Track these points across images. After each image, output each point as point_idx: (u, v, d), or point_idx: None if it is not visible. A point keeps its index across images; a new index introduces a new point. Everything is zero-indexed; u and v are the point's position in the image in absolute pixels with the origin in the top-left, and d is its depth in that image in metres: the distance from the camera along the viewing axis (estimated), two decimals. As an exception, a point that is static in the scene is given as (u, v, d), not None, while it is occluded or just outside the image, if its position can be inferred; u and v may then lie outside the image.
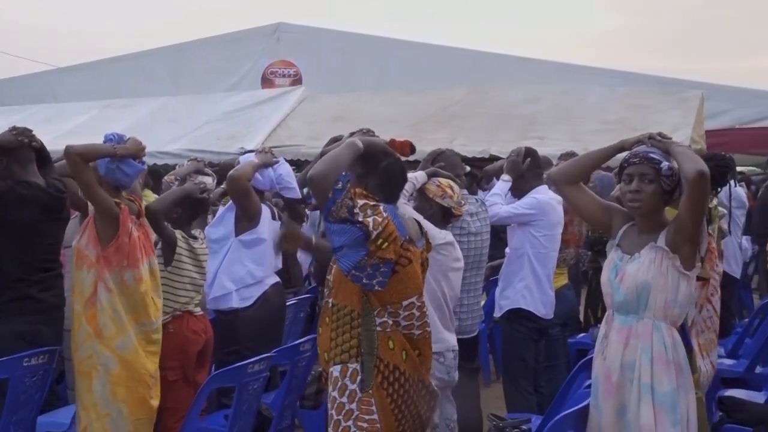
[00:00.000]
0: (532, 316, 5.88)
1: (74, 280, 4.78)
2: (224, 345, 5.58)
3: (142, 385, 4.73)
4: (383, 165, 3.67)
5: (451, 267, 4.84)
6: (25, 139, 5.24)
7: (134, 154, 4.77)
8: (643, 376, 3.77)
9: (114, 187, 4.77)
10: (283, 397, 5.23)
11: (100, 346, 4.65)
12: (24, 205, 5.12)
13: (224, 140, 11.83)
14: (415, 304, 3.68)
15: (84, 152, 4.64)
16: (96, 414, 4.64)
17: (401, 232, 3.57)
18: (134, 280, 4.71)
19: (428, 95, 13.39)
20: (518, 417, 4.74)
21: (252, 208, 5.64)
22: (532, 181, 5.97)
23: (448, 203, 4.88)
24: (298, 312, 6.67)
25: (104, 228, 4.68)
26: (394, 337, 3.57)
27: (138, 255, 4.73)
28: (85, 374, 4.68)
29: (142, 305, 4.74)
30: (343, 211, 3.47)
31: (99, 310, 4.66)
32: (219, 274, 5.62)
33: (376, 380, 3.50)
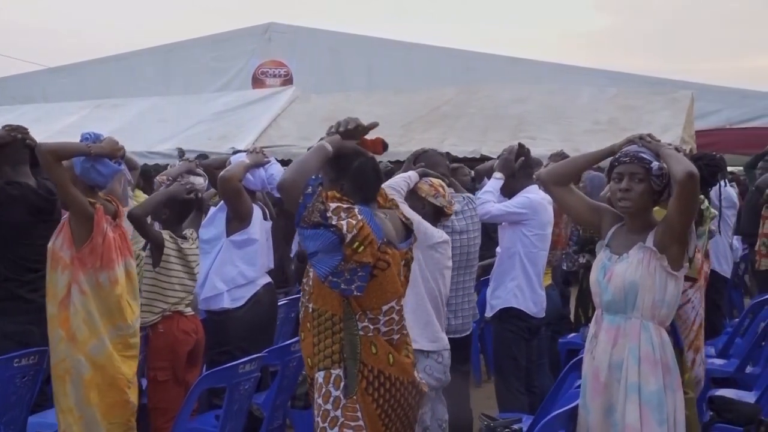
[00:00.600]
0: (523, 315, 5.88)
1: (48, 281, 4.72)
2: (215, 345, 5.57)
3: (116, 389, 4.68)
4: (355, 165, 3.60)
5: (446, 265, 4.86)
6: (19, 135, 5.23)
7: (109, 154, 4.70)
8: (630, 375, 3.78)
9: (90, 187, 4.72)
10: (274, 398, 5.22)
11: (73, 350, 4.61)
12: (14, 206, 5.11)
13: (215, 140, 11.85)
14: (394, 308, 3.60)
15: (56, 150, 4.58)
16: (73, 417, 4.62)
17: (378, 234, 3.46)
18: (109, 282, 4.66)
19: (419, 95, 13.42)
20: (509, 417, 4.74)
21: (243, 208, 5.64)
22: (522, 180, 5.97)
23: (440, 202, 4.89)
24: (290, 312, 6.66)
25: (79, 228, 4.63)
26: (377, 341, 3.50)
27: (113, 256, 4.68)
28: (59, 378, 4.65)
29: (117, 308, 4.69)
30: (315, 215, 3.37)
31: (72, 313, 4.61)
32: (210, 274, 5.60)
33: (361, 386, 3.44)
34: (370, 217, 3.46)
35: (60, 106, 14.57)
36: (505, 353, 5.95)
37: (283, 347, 5.23)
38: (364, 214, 3.44)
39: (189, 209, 5.62)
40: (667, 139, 7.52)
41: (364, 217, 3.43)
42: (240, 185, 5.60)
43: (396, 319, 3.57)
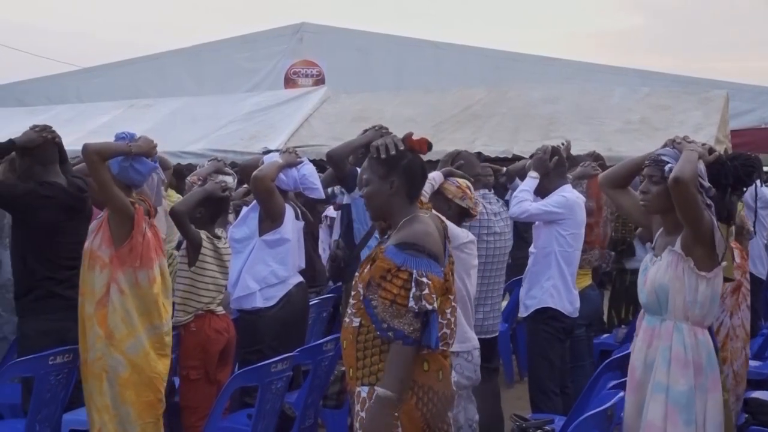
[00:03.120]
0: (559, 315, 5.84)
1: (84, 281, 4.75)
2: (247, 344, 5.60)
3: (152, 388, 4.71)
4: (405, 163, 3.60)
5: (472, 265, 4.84)
6: (49, 135, 5.28)
7: (147, 152, 4.76)
8: (658, 375, 3.82)
9: (126, 186, 4.76)
10: (306, 397, 5.23)
11: (111, 348, 4.63)
12: (47, 206, 5.16)
13: (247, 140, 11.86)
14: (448, 319, 3.57)
15: (101, 150, 4.63)
16: (108, 415, 4.64)
17: (438, 273, 3.42)
18: (147, 281, 4.69)
19: (450, 95, 13.37)
20: (542, 418, 4.72)
21: (276, 208, 5.65)
22: (556, 180, 5.96)
23: (467, 204, 4.89)
24: (321, 311, 6.68)
25: (118, 228, 4.66)
26: (430, 358, 3.45)
27: (152, 255, 4.72)
28: (96, 376, 4.67)
29: (154, 307, 4.71)
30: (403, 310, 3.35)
31: (110, 312, 4.64)
32: (243, 273, 5.62)
33: (411, 402, 3.40)
34: (427, 265, 3.40)
35: (93, 106, 14.65)
36: (539, 354, 5.91)
37: (315, 346, 5.24)
38: (419, 266, 3.38)
39: (222, 208, 5.65)
40: (701, 138, 7.42)
41: (423, 271, 3.37)
42: (273, 185, 5.63)
43: (452, 320, 3.55)
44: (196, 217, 5.42)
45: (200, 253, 5.36)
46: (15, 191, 5.22)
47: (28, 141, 5.26)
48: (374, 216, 3.80)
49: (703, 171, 3.92)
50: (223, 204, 5.65)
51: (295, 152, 6.04)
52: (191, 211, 5.37)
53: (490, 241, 5.33)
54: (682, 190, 3.70)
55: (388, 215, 3.63)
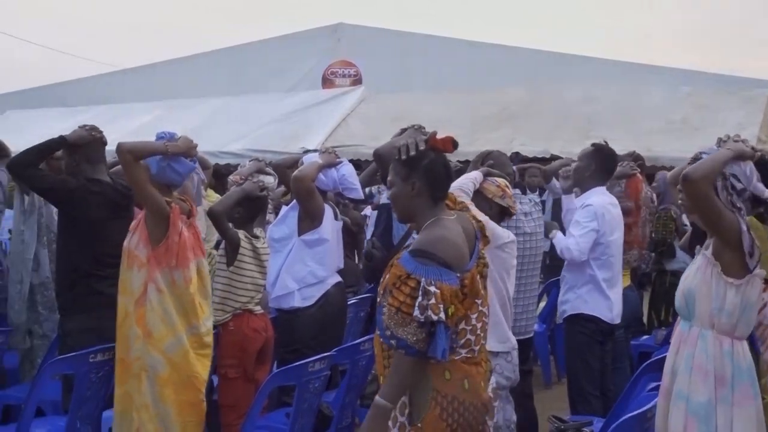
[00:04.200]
0: (595, 319, 5.79)
1: (123, 280, 4.78)
2: (285, 343, 5.62)
3: (191, 388, 4.73)
4: (426, 163, 3.51)
5: (512, 265, 4.84)
6: (97, 134, 5.36)
7: (185, 152, 4.77)
8: (681, 382, 3.72)
9: (165, 186, 4.78)
10: (343, 396, 5.23)
11: (150, 347, 4.65)
12: (95, 202, 5.22)
13: (285, 140, 11.92)
14: (473, 324, 3.49)
15: (134, 149, 4.65)
16: (148, 415, 4.66)
17: (452, 281, 3.31)
18: (183, 281, 4.70)
19: (486, 95, 13.34)
20: (580, 419, 4.69)
21: (315, 208, 5.67)
22: (591, 181, 5.92)
23: (506, 203, 4.88)
24: (359, 311, 6.68)
25: (155, 227, 4.68)
26: (451, 367, 3.36)
27: (188, 255, 4.72)
28: (135, 375, 4.69)
29: (191, 307, 4.73)
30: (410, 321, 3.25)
31: (148, 311, 4.66)
32: (281, 273, 5.64)
33: (434, 412, 3.31)
34: (437, 273, 3.29)
35: (134, 106, 14.80)
36: (577, 356, 5.86)
37: (353, 346, 5.24)
38: (428, 274, 3.28)
39: (260, 208, 5.67)
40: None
41: (432, 279, 3.28)
42: (312, 185, 5.64)
43: (479, 326, 3.47)
44: (235, 217, 5.45)
45: (239, 252, 5.38)
46: (66, 186, 5.28)
47: (78, 138, 5.34)
48: (400, 218, 3.75)
49: (741, 171, 3.76)
50: (261, 204, 5.67)
51: (335, 153, 6.05)
52: (229, 211, 5.40)
53: (520, 242, 5.29)
54: (689, 189, 3.58)
55: (412, 217, 3.57)
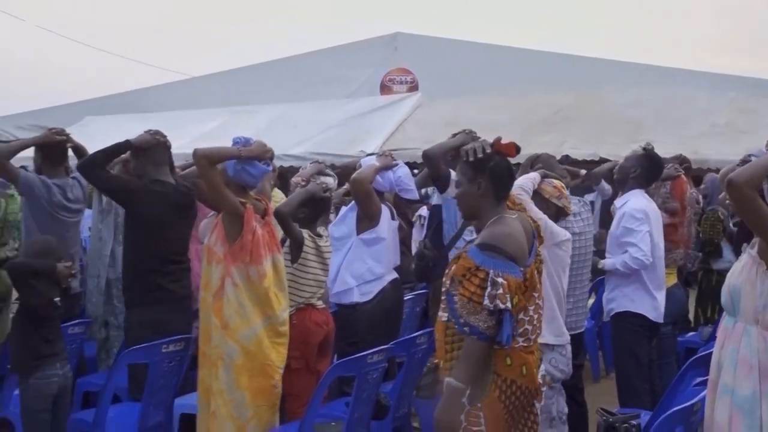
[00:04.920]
0: (641, 316, 5.72)
1: (204, 274, 4.86)
2: (345, 336, 5.63)
3: (264, 375, 4.78)
4: (491, 165, 3.61)
5: (567, 262, 4.85)
6: (161, 138, 5.43)
7: (259, 156, 4.83)
8: (726, 376, 3.65)
9: (241, 187, 4.85)
10: (400, 387, 5.24)
11: (226, 337, 4.72)
12: (157, 202, 5.29)
13: (345, 144, 11.96)
14: (531, 315, 3.55)
15: (209, 155, 4.72)
16: (222, 399, 4.72)
17: (516, 273, 3.42)
18: (258, 276, 4.75)
19: (537, 100, 13.27)
20: (628, 412, 4.64)
21: (373, 208, 5.68)
22: (634, 183, 5.87)
23: (563, 203, 4.92)
24: (415, 306, 6.69)
25: (231, 226, 4.74)
26: (512, 354, 3.45)
27: (262, 252, 4.77)
28: (213, 363, 4.76)
29: (266, 299, 4.78)
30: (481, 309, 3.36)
31: (225, 303, 4.72)
32: (341, 270, 5.65)
33: (494, 394, 3.42)
34: (504, 266, 3.41)
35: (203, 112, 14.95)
36: (626, 352, 5.78)
37: (409, 339, 5.24)
38: (496, 266, 3.39)
39: (324, 208, 5.71)
40: (787, 142, 7.22)
41: (501, 273, 3.38)
42: (370, 187, 5.66)
43: (535, 317, 3.54)
44: (300, 217, 5.49)
45: (302, 250, 5.42)
46: (130, 187, 5.37)
47: (142, 142, 5.43)
48: (465, 216, 3.83)
49: None
50: (325, 204, 5.70)
51: (391, 155, 6.06)
52: (294, 212, 5.43)
53: None
54: (733, 193, 3.49)
55: (477, 215, 3.65)
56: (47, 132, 6.26)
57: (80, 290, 6.47)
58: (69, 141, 6.28)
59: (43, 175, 6.10)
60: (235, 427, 4.71)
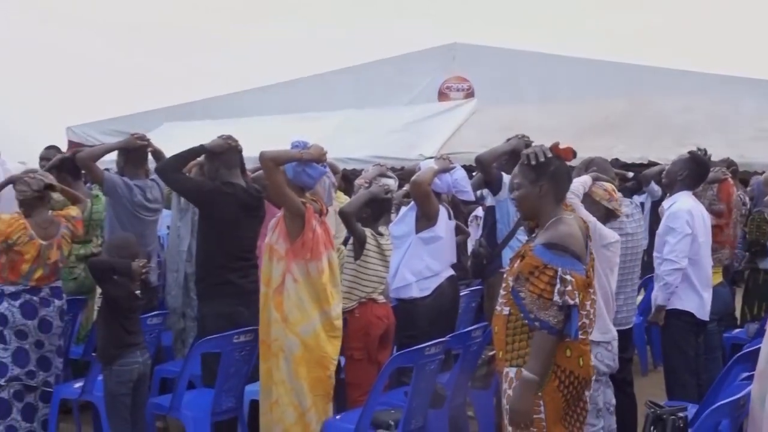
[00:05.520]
0: (689, 313, 5.65)
1: (265, 271, 4.89)
2: (404, 329, 5.63)
3: (321, 366, 4.81)
4: (553, 168, 3.64)
5: (615, 263, 4.79)
6: (232, 143, 5.50)
7: (317, 159, 4.87)
8: None
9: (300, 188, 4.88)
10: (456, 378, 5.22)
11: (286, 330, 4.75)
12: (228, 203, 5.36)
13: (405, 147, 11.95)
14: (588, 310, 3.56)
15: (275, 157, 4.77)
16: (284, 389, 4.76)
17: (580, 270, 3.45)
18: (317, 272, 4.78)
19: (589, 106, 13.11)
20: (676, 405, 4.57)
21: (431, 209, 5.67)
22: (682, 185, 5.80)
23: (613, 206, 4.87)
24: (470, 302, 6.67)
25: (292, 225, 4.77)
26: (572, 346, 3.47)
27: (321, 249, 4.81)
28: (274, 354, 4.80)
29: (323, 294, 4.80)
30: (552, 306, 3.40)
31: (285, 298, 4.75)
32: (401, 267, 5.65)
33: (553, 384, 3.44)
34: (571, 264, 3.43)
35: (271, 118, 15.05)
36: (674, 347, 5.71)
37: (465, 333, 5.24)
38: (564, 264, 3.42)
39: (386, 208, 5.72)
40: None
41: (571, 271, 3.41)
42: (429, 188, 5.65)
43: (591, 312, 3.56)
44: (363, 216, 5.51)
45: (365, 248, 5.44)
46: (203, 188, 5.46)
47: (216, 146, 5.51)
48: (524, 216, 3.84)
49: None
50: (386, 204, 5.72)
51: (449, 159, 6.05)
52: (358, 211, 5.46)
53: (623, 241, 5.21)
54: None
55: (536, 216, 3.67)
56: (129, 137, 6.39)
57: (159, 284, 6.58)
58: (149, 145, 6.40)
59: (125, 177, 6.21)
60: (297, 415, 4.76)
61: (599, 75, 16.82)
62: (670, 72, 16.89)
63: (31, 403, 5.55)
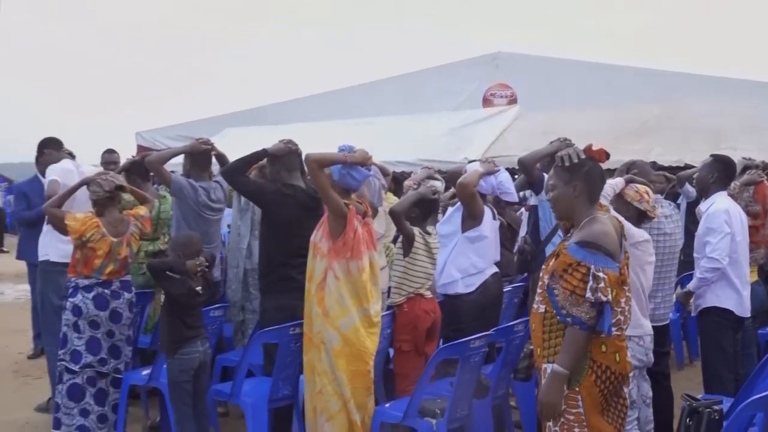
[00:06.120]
0: (728, 311, 5.53)
1: (309, 267, 4.85)
2: (450, 323, 5.60)
3: (360, 360, 4.75)
4: (586, 169, 3.56)
5: (646, 261, 4.69)
6: (293, 146, 5.50)
7: (361, 162, 4.83)
8: None
9: (345, 190, 4.84)
10: (499, 370, 5.19)
11: (327, 324, 4.72)
12: (288, 204, 5.36)
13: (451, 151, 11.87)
14: (623, 307, 3.49)
15: (319, 159, 4.73)
16: (327, 378, 4.73)
17: (614, 268, 3.37)
18: (358, 270, 4.73)
19: (626, 111, 12.89)
20: (711, 398, 4.46)
21: (477, 209, 5.62)
22: (715, 187, 5.69)
23: (644, 206, 4.79)
24: (513, 297, 6.60)
25: (335, 224, 4.74)
26: (607, 342, 3.40)
27: (362, 249, 4.75)
28: (316, 346, 4.78)
29: (363, 292, 4.75)
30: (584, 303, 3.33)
31: (327, 294, 4.72)
32: (447, 264, 5.61)
33: (590, 379, 3.37)
34: (603, 262, 3.35)
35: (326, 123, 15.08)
36: (712, 344, 5.59)
37: (508, 327, 5.19)
38: (597, 262, 3.34)
39: (433, 209, 5.69)
40: None
41: (600, 266, 3.34)
42: (475, 190, 5.60)
43: (627, 308, 3.48)
44: (411, 216, 5.48)
45: (413, 246, 5.41)
46: (264, 190, 5.46)
47: (277, 150, 5.51)
48: (559, 216, 3.75)
49: None
50: (434, 205, 5.69)
51: (493, 162, 6.00)
52: (407, 211, 5.43)
53: (660, 241, 5.13)
54: None
55: (571, 216, 3.59)
56: (194, 141, 6.44)
57: (221, 278, 6.62)
58: (213, 149, 6.43)
59: (191, 179, 6.26)
60: (341, 403, 4.72)
61: (635, 81, 16.61)
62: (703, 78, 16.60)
63: (103, 389, 5.61)
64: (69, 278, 5.62)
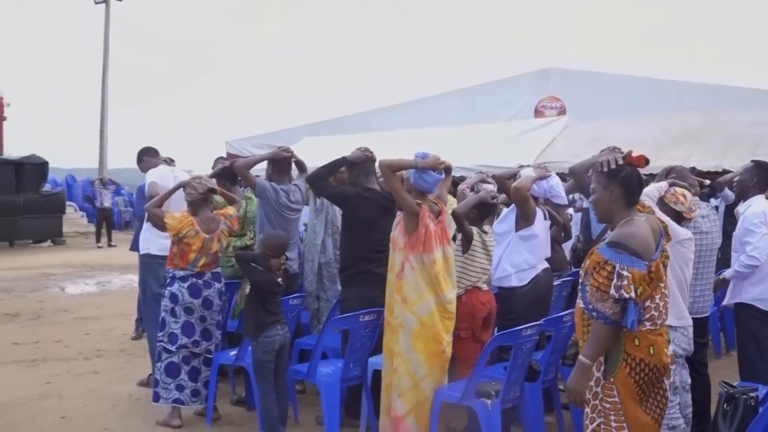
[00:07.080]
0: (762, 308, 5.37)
1: (390, 259, 4.91)
2: (504, 314, 5.56)
3: (435, 341, 4.77)
4: (623, 174, 3.45)
5: (689, 257, 4.59)
6: (369, 153, 5.53)
7: (432, 167, 4.83)
8: None
9: (421, 192, 4.86)
10: (549, 356, 5.12)
11: (405, 309, 4.75)
12: (366, 205, 5.39)
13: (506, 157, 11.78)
14: (657, 303, 3.37)
15: (391, 164, 4.77)
16: (402, 359, 4.76)
17: (641, 267, 3.25)
18: (430, 262, 4.75)
19: (669, 120, 12.59)
20: (747, 386, 4.33)
21: (529, 210, 5.57)
22: (754, 191, 5.55)
23: (679, 208, 4.68)
24: (562, 291, 6.51)
25: (409, 222, 4.78)
26: (640, 336, 3.30)
27: (433, 244, 4.77)
28: (395, 330, 4.81)
29: (436, 281, 4.77)
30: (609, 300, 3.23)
31: (405, 283, 4.75)
32: (502, 260, 5.58)
33: (624, 371, 3.27)
34: (629, 261, 3.26)
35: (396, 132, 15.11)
36: (748, 336, 5.43)
37: (557, 318, 5.13)
38: (622, 261, 3.25)
39: (491, 211, 5.66)
40: None
41: (625, 265, 3.24)
42: (528, 193, 5.55)
43: (662, 304, 3.38)
44: (471, 216, 5.46)
45: (471, 243, 5.39)
46: (346, 193, 5.50)
47: (356, 157, 5.55)
48: (599, 219, 3.67)
49: None
50: (492, 207, 5.66)
51: (545, 167, 5.94)
52: (467, 212, 5.42)
53: (697, 239, 5.00)
54: None
55: (609, 218, 3.49)
56: (276, 149, 6.52)
57: (298, 271, 6.69)
58: (292, 156, 6.50)
59: (273, 182, 6.34)
60: (412, 383, 4.74)
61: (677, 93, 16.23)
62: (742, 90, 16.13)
63: (196, 367, 5.72)
64: (167, 269, 5.75)
